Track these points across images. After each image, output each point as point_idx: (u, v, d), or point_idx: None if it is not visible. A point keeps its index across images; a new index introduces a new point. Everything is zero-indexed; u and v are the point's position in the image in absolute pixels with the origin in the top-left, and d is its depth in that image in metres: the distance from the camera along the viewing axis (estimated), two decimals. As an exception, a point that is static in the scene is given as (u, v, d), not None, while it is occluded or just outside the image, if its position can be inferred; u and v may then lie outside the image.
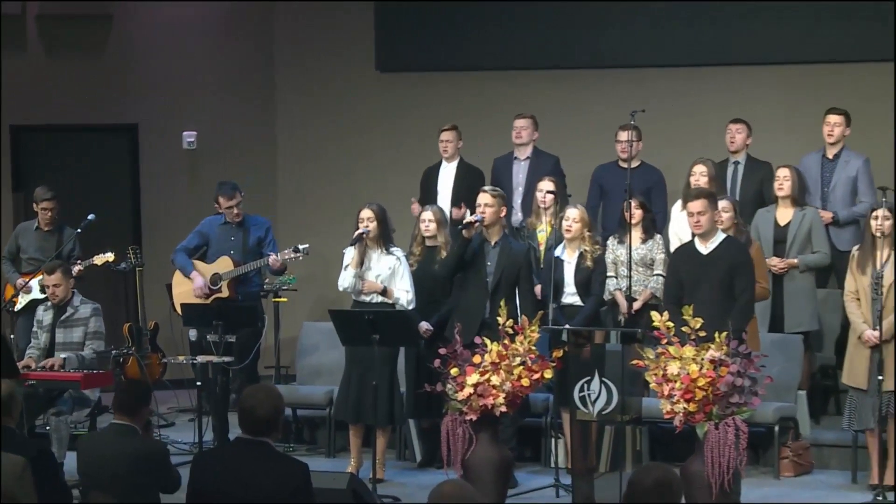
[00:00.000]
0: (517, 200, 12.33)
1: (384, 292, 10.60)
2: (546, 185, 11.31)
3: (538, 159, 12.42)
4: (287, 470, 6.63)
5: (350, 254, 10.71)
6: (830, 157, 11.92)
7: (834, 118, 11.82)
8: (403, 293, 10.64)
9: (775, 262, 11.11)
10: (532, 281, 10.62)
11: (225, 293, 11.63)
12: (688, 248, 9.98)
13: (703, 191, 10.16)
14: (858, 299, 10.05)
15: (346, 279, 10.70)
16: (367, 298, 10.66)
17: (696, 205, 9.75)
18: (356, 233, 10.62)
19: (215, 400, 11.14)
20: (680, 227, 11.22)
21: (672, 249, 11.04)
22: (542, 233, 11.27)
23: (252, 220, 11.94)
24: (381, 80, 14.48)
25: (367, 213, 10.69)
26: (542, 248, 11.20)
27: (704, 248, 9.78)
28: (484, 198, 10.53)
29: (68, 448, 10.12)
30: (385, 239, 10.72)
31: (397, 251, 10.75)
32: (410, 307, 10.57)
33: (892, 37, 12.84)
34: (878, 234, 9.93)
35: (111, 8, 14.24)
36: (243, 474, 6.53)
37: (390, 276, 10.65)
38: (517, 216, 12.21)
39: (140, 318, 12.75)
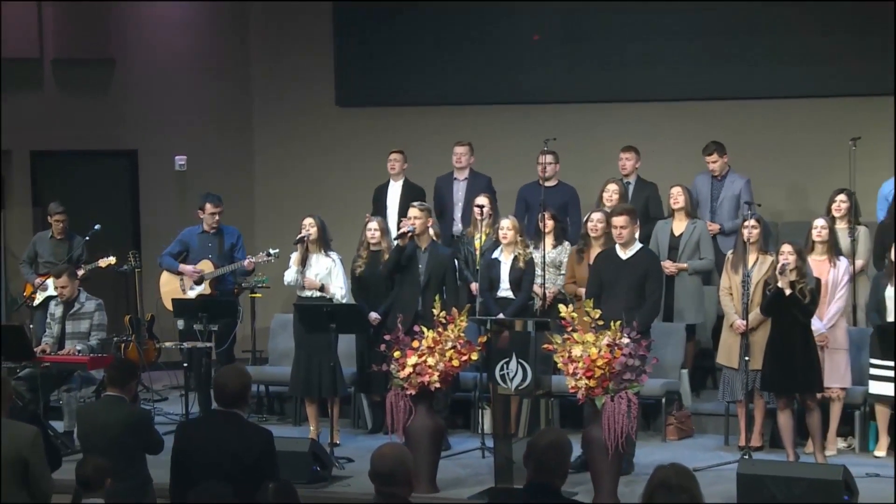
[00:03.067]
0: (458, 214, 12.35)
1: (322, 288, 10.66)
2: (481, 200, 11.38)
3: (474, 179, 12.43)
4: (253, 436, 6.67)
5: (294, 256, 10.80)
6: (718, 177, 12.01)
7: (710, 158, 11.89)
8: (338, 289, 10.70)
9: (668, 266, 11.16)
10: (455, 279, 10.67)
11: (207, 290, 11.68)
12: (610, 252, 9.97)
13: (627, 207, 10.14)
14: (731, 294, 10.12)
15: (289, 275, 10.81)
16: (308, 293, 10.72)
17: (620, 220, 9.78)
18: (298, 236, 10.71)
19: (200, 378, 11.14)
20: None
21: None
22: (478, 240, 11.30)
23: (226, 229, 11.96)
24: (340, 113, 14.51)
25: (308, 221, 10.78)
26: (478, 252, 11.21)
27: (624, 254, 9.81)
28: (413, 211, 10.60)
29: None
30: (324, 244, 10.78)
31: (333, 254, 10.80)
32: (343, 301, 10.62)
33: (768, 77, 13.06)
34: (748, 241, 10.06)
35: (114, 53, 14.25)
36: (217, 440, 6.56)
37: (327, 274, 10.71)
38: (458, 226, 12.20)
39: (138, 311, 12.76)
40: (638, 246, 9.91)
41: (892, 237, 10.25)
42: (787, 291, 9.43)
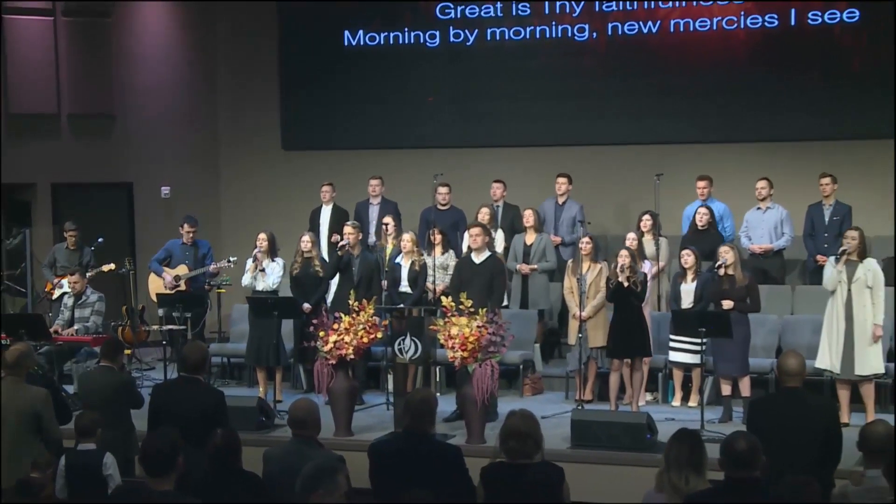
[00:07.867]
0: (371, 230, 12.38)
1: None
2: (388, 219, 11.50)
3: (385, 204, 12.47)
4: (209, 395, 6.76)
5: (249, 263, 10.82)
6: (560, 203, 12.10)
7: (562, 179, 12.05)
8: (270, 278, 10.69)
9: (524, 268, 11.31)
10: (380, 279, 10.73)
11: (183, 287, 11.67)
12: (467, 258, 10.12)
13: (480, 225, 10.29)
14: (573, 293, 10.22)
15: (245, 279, 10.84)
16: (262, 287, 10.70)
17: (475, 231, 9.97)
18: (255, 251, 10.76)
19: (178, 353, 11.06)
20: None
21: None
22: (387, 249, 11.37)
23: (199, 242, 12.01)
24: (285, 155, 14.47)
25: (262, 236, 10.83)
26: (387, 258, 11.29)
27: (477, 259, 9.95)
28: (348, 229, 10.67)
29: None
30: (272, 252, 10.82)
31: (279, 260, 10.85)
32: (273, 287, 10.67)
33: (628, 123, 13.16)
34: (583, 253, 10.21)
35: (115, 110, 14.14)
36: (182, 398, 6.63)
37: (271, 273, 10.74)
38: (372, 238, 12.23)
39: (132, 303, 12.65)
40: (487, 253, 10.00)
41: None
42: (626, 284, 9.63)
